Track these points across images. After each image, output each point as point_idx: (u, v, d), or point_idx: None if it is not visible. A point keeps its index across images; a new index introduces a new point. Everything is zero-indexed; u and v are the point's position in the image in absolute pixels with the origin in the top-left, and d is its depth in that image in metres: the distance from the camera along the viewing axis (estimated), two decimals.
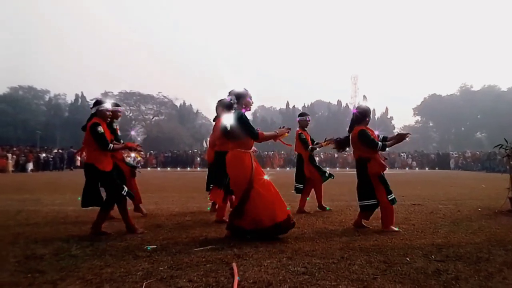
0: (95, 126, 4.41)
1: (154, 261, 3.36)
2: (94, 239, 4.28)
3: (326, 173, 6.72)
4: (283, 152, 40.18)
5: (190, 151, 43.54)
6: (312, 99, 77.18)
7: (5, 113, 49.24)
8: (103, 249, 3.80)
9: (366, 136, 4.87)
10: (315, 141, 6.75)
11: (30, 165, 26.82)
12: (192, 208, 7.02)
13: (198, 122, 64.36)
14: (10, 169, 25.18)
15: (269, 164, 36.08)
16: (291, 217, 4.35)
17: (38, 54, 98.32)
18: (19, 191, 10.84)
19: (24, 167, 26.42)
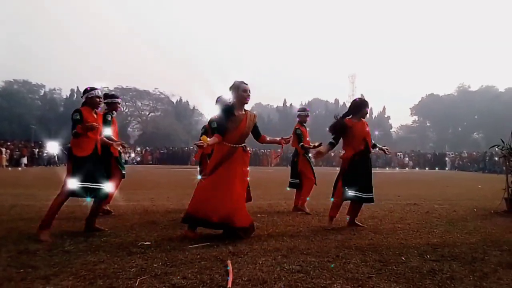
0: (73, 112, 4.41)
1: (148, 257, 3.34)
2: (87, 235, 4.25)
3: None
4: (279, 150, 40.11)
5: (186, 147, 43.43)
6: (309, 97, 76.99)
7: None
8: (97, 245, 3.77)
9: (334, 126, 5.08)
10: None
11: (24, 160, 26.72)
12: (187, 205, 6.95)
13: (195, 119, 64.05)
14: (4, 163, 25.09)
15: (266, 162, 36.07)
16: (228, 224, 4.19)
17: (33, 48, 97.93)
18: (13, 186, 10.79)
19: (18, 161, 26.33)
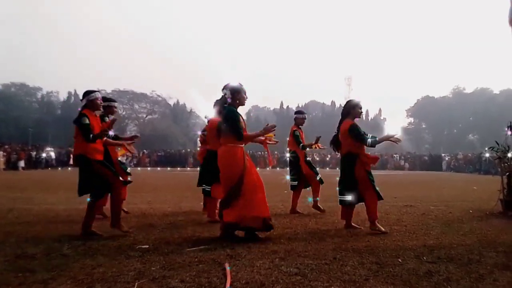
0: (80, 117, 4.40)
1: (146, 261, 3.35)
2: (85, 238, 4.24)
3: (318, 176, 6.54)
4: (276, 152, 40.17)
5: (183, 150, 43.38)
6: (306, 99, 77.12)
7: None
8: (95, 249, 3.77)
9: (356, 130, 4.81)
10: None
11: (22, 163, 26.61)
12: (185, 207, 7.00)
13: (192, 121, 64.03)
14: (1, 166, 24.96)
15: (262, 164, 36.05)
16: (269, 218, 4.29)
17: (30, 51, 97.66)
18: (10, 189, 10.74)
19: (15, 164, 26.22)
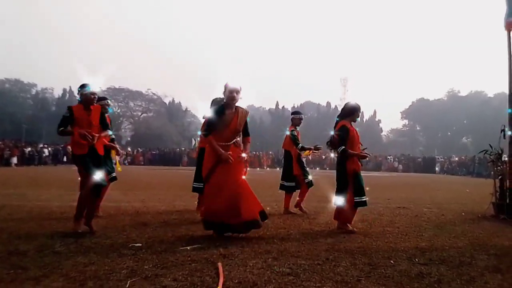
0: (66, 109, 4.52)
1: (139, 259, 3.34)
2: (78, 235, 4.23)
3: (308, 179, 6.55)
4: (271, 153, 40.21)
5: (178, 149, 43.27)
6: (301, 99, 76.90)
7: None
8: (88, 246, 3.76)
9: (342, 131, 4.98)
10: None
11: (15, 159, 26.44)
12: (179, 206, 6.98)
13: (187, 120, 63.85)
14: None
15: (257, 164, 36.07)
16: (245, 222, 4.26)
17: (25, 47, 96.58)
18: (3, 186, 10.66)
19: (8, 161, 26.04)
